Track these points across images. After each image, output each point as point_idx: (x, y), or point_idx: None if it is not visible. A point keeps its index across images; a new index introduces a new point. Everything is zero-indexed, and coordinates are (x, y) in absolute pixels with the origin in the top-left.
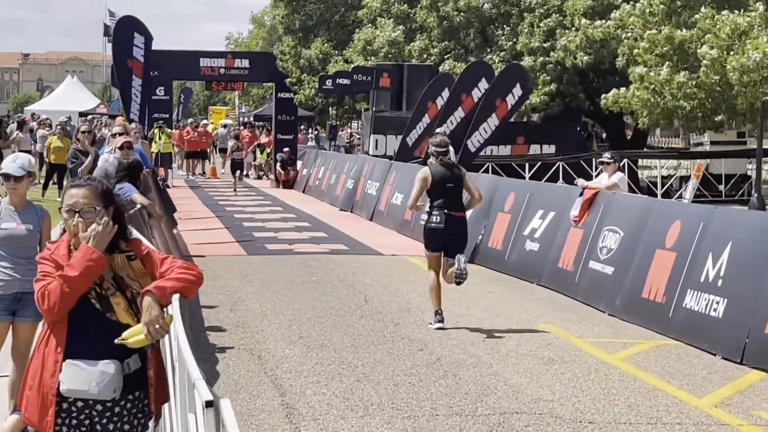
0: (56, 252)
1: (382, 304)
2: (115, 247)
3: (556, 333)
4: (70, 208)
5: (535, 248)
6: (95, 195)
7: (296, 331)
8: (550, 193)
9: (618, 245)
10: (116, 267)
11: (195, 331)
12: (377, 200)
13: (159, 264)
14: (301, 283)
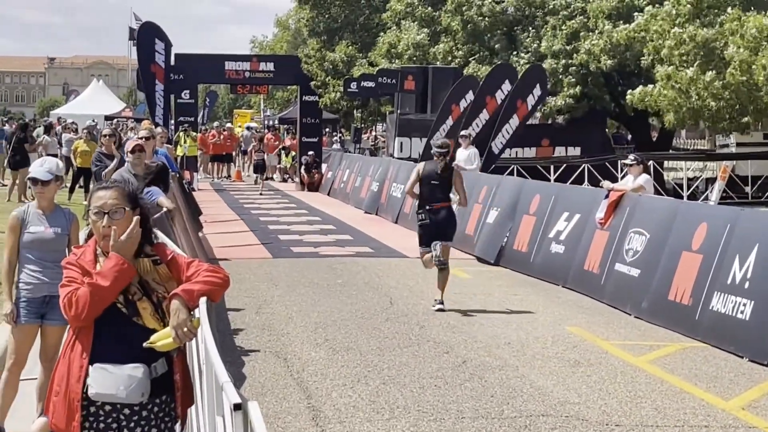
0: (82, 257)
1: (407, 306)
2: (141, 252)
3: (582, 335)
4: (98, 209)
5: (561, 250)
6: (123, 196)
7: (322, 333)
8: (576, 195)
9: (644, 247)
10: (142, 271)
11: (221, 333)
12: (402, 203)
13: (185, 268)
14: (326, 285)
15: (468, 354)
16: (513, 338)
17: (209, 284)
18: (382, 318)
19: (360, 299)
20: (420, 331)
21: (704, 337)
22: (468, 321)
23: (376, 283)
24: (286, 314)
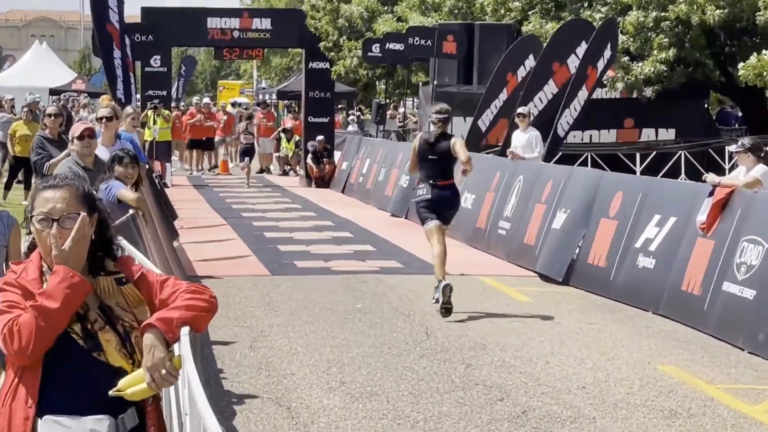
0: (24, 276)
1: (448, 339)
2: (101, 268)
3: (680, 377)
4: (45, 215)
5: (650, 265)
6: (77, 197)
7: (336, 375)
8: (670, 191)
9: (761, 261)
10: (103, 294)
11: (205, 374)
12: None
13: (158, 288)
14: (341, 311)
15: (529, 402)
16: (588, 381)
17: (192, 309)
18: (416, 354)
19: (386, 329)
20: (466, 371)
21: None
22: (529, 357)
23: (406, 308)
24: (290, 349)
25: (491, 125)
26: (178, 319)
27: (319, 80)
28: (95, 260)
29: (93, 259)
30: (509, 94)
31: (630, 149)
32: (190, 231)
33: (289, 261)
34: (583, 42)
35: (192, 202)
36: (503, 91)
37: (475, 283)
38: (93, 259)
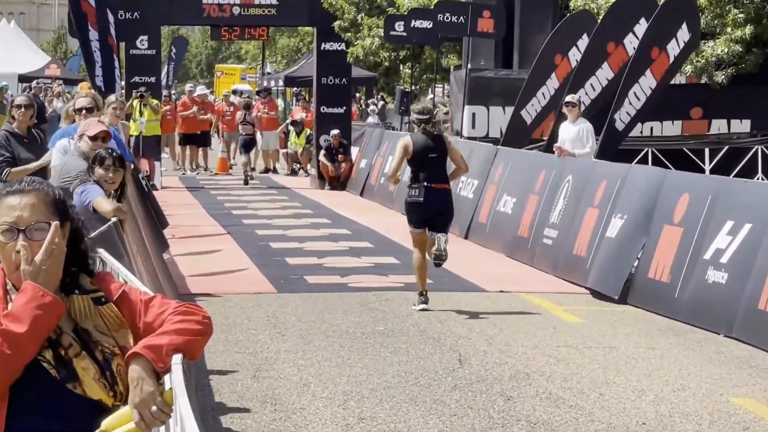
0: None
1: (485, 367)
2: (76, 286)
3: (757, 411)
4: (11, 225)
5: (722, 280)
6: (46, 204)
7: (354, 409)
8: (745, 193)
9: None
10: (79, 315)
11: (201, 409)
12: (476, 207)
13: (142, 309)
14: (360, 335)
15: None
16: (650, 416)
17: (184, 333)
18: (448, 385)
19: (412, 356)
20: (506, 404)
21: None
22: (580, 388)
23: (436, 330)
24: (299, 380)
25: (539, 118)
26: (168, 346)
27: (333, 64)
28: (69, 277)
29: (66, 276)
30: (561, 80)
31: (698, 144)
32: (183, 241)
33: (298, 276)
34: (642, 19)
35: (185, 206)
36: (552, 76)
37: (517, 301)
38: (66, 276)
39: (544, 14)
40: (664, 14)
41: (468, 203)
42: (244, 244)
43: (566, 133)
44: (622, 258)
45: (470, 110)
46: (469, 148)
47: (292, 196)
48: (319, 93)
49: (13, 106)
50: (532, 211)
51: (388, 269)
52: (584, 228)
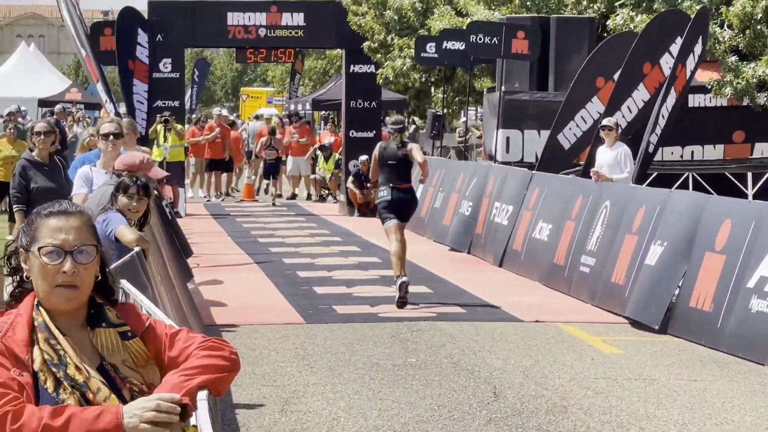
0: (10, 335)
1: (521, 400)
2: (101, 318)
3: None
4: (57, 247)
5: (767, 309)
6: (88, 227)
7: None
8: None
9: None
10: (104, 350)
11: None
12: (510, 234)
13: (167, 343)
14: (391, 367)
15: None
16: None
17: (210, 370)
18: (482, 419)
19: (446, 388)
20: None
21: None
22: (619, 422)
23: (470, 362)
24: (329, 414)
25: (581, 142)
26: (194, 384)
27: (362, 87)
28: (94, 308)
29: (91, 307)
30: (604, 103)
31: (740, 168)
32: (208, 270)
33: (327, 306)
34: (678, 38)
35: (210, 234)
36: (594, 99)
37: (553, 331)
38: (91, 307)
39: (581, 35)
40: (690, 31)
41: (502, 230)
42: (271, 273)
43: (604, 157)
44: (663, 286)
45: (504, 134)
46: (503, 173)
47: (321, 223)
48: (348, 116)
49: (33, 133)
50: (569, 238)
51: (420, 299)
52: (623, 255)
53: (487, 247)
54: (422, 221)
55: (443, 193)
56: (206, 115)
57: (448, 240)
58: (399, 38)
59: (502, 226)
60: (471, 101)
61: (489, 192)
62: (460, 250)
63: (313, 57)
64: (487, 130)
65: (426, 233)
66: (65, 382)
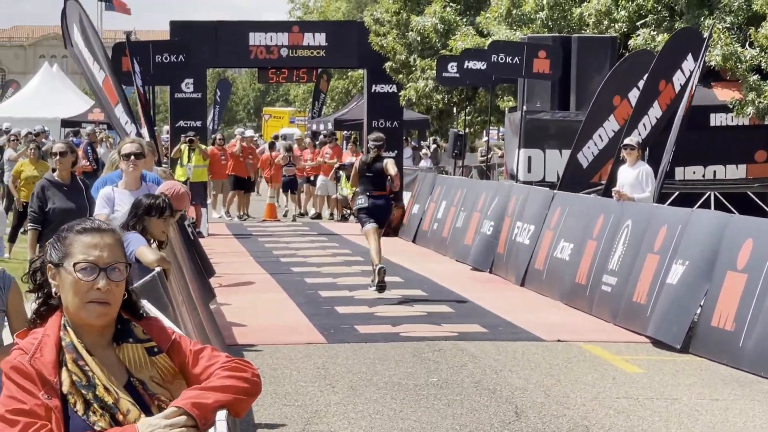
0: (38, 356)
1: (543, 420)
2: (128, 334)
3: None
4: (92, 263)
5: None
6: (120, 245)
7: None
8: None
9: None
10: (132, 365)
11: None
12: (532, 253)
13: (191, 359)
14: (413, 387)
15: None
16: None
17: (230, 391)
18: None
19: (467, 408)
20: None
21: None
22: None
23: (492, 382)
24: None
25: (597, 161)
26: (214, 403)
27: (384, 107)
28: (120, 323)
29: (118, 322)
30: (621, 122)
31: (762, 187)
32: (230, 290)
33: (348, 325)
34: (689, 55)
35: (232, 254)
36: (611, 118)
37: (575, 350)
38: (118, 322)
39: (602, 54)
40: (672, 49)
41: (524, 249)
42: (293, 293)
43: (625, 176)
44: (684, 306)
45: (526, 153)
46: (525, 193)
47: (342, 243)
48: None
49: (52, 153)
50: (590, 258)
51: (441, 318)
52: (644, 275)
53: (509, 267)
54: (444, 240)
55: (465, 212)
56: (228, 135)
57: (469, 259)
58: (421, 59)
59: (524, 245)
60: (493, 121)
61: (511, 211)
62: (482, 269)
63: (335, 77)
64: (508, 150)
65: (448, 252)
66: (95, 403)
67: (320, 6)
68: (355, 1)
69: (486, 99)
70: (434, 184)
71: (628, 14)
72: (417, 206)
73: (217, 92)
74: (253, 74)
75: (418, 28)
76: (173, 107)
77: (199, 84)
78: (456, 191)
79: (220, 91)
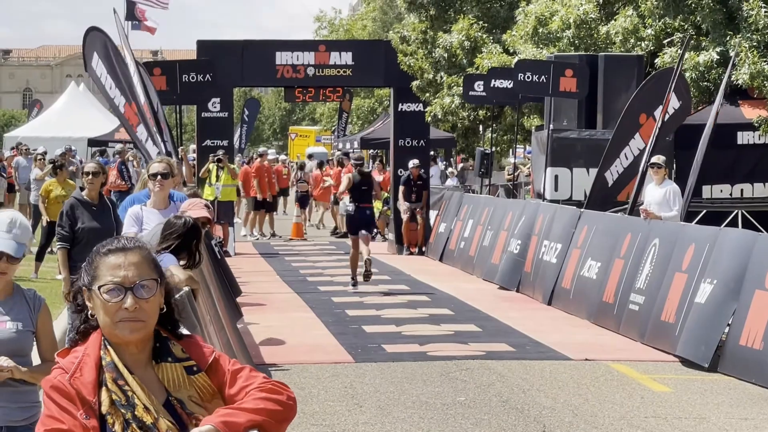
0: (78, 376)
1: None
2: (167, 352)
3: None
4: (117, 284)
5: None
6: (148, 261)
7: None
8: None
9: None
10: (170, 385)
11: None
12: (559, 272)
13: (229, 379)
14: (440, 406)
15: None
16: None
17: (263, 412)
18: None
19: (495, 428)
20: None
21: None
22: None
23: (519, 401)
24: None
25: (623, 179)
26: (246, 423)
27: (410, 126)
28: (159, 342)
29: (156, 341)
30: (646, 140)
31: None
32: (257, 309)
33: (376, 344)
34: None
35: (259, 273)
36: (636, 136)
37: (602, 369)
38: (156, 341)
39: (629, 72)
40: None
41: (551, 268)
42: (320, 312)
43: (652, 195)
44: (712, 324)
45: (553, 172)
46: (551, 211)
47: None
48: (397, 155)
49: (83, 173)
50: (618, 276)
51: (469, 337)
52: (672, 293)
53: (536, 285)
54: (471, 259)
55: (492, 231)
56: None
57: (496, 278)
58: (448, 77)
59: (551, 264)
60: (519, 139)
61: (538, 230)
62: (509, 288)
63: (361, 95)
64: (535, 168)
65: (475, 271)
66: (133, 423)
67: (347, 24)
68: (380, 20)
69: (512, 117)
70: (461, 203)
71: (654, 33)
72: (444, 225)
73: (245, 111)
74: (279, 93)
75: (444, 46)
76: (200, 126)
77: (225, 103)
78: (483, 210)
79: (248, 110)
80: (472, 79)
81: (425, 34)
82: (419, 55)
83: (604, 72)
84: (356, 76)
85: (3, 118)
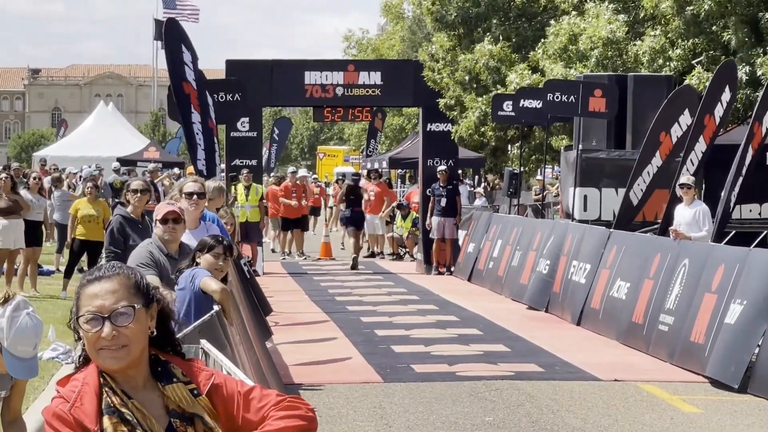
0: (78, 405)
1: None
2: (171, 375)
3: None
4: (94, 314)
5: None
6: (127, 288)
7: None
8: None
9: None
10: (184, 403)
11: None
12: (588, 292)
13: (241, 402)
14: (470, 426)
15: None
16: None
17: (291, 431)
18: None
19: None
20: None
21: None
22: None
23: (549, 421)
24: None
25: (645, 197)
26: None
27: (439, 145)
28: (160, 366)
29: (158, 365)
30: (664, 158)
31: None
32: (286, 328)
33: (405, 364)
34: (727, 87)
35: (288, 293)
36: (656, 155)
37: (632, 390)
38: (158, 365)
39: (659, 93)
40: (714, 83)
41: (580, 288)
42: (349, 332)
43: (682, 215)
44: (743, 345)
45: (581, 192)
46: (580, 231)
47: (398, 282)
48: (426, 174)
49: (129, 190)
50: (647, 297)
51: (498, 357)
52: (702, 314)
53: (565, 306)
54: (500, 279)
55: (520, 251)
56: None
57: (525, 298)
58: (475, 96)
59: (580, 284)
60: (548, 159)
61: (567, 250)
62: (538, 308)
63: (390, 114)
64: (564, 188)
65: (503, 291)
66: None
67: (375, 44)
68: (409, 40)
69: (541, 137)
70: (490, 223)
71: (683, 53)
72: (472, 245)
73: (275, 130)
74: (307, 113)
75: (471, 65)
76: (229, 146)
77: (254, 123)
78: (511, 230)
79: (279, 130)
80: (501, 99)
81: (453, 53)
82: (445, 72)
83: (633, 92)
84: (385, 95)
85: (32, 138)
